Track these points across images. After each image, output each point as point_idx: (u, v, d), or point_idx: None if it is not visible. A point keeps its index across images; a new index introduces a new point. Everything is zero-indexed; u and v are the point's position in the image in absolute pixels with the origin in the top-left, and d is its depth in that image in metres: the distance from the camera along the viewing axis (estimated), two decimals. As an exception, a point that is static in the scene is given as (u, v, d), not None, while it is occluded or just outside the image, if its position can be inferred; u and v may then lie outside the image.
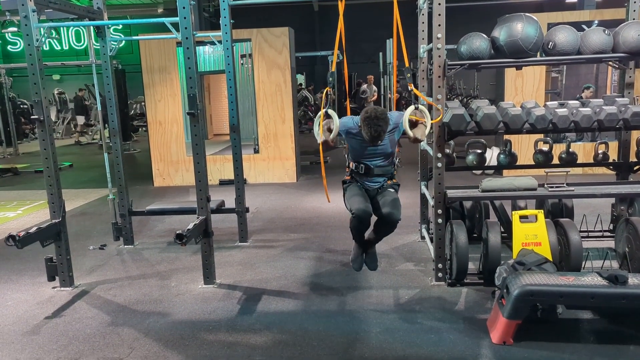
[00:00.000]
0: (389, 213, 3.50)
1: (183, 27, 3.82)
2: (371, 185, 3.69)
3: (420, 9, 4.60)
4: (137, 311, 3.76)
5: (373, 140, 3.40)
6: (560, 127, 3.73)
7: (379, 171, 3.65)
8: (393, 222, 3.53)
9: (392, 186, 3.73)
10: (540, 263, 3.41)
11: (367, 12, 19.15)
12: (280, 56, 8.11)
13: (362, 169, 3.65)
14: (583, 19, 7.73)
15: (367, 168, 3.64)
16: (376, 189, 3.69)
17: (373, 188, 3.69)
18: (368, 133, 3.36)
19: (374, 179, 3.68)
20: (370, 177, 3.67)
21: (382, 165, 3.65)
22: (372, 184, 3.69)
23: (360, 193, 3.63)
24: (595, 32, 3.71)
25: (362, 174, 3.67)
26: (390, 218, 3.50)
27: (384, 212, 3.54)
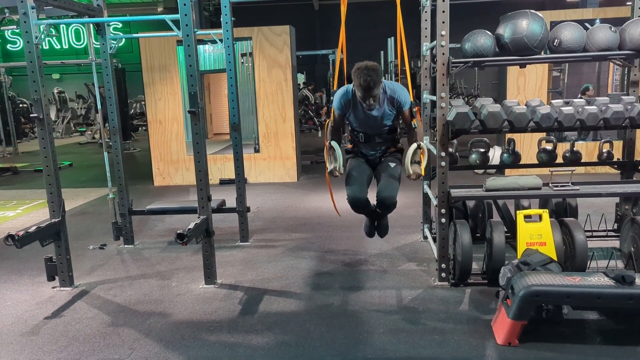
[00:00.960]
0: (382, 198, 3.56)
1: (184, 24, 3.78)
2: (372, 154, 3.70)
3: (423, 6, 4.56)
4: (138, 311, 3.72)
5: (364, 93, 3.29)
6: (566, 125, 3.69)
7: (379, 139, 3.65)
8: (388, 206, 3.58)
9: (395, 155, 3.70)
10: (545, 263, 3.37)
11: (368, 10, 19.14)
12: (281, 55, 8.07)
13: (362, 137, 3.65)
14: (586, 17, 7.69)
15: (367, 136, 3.64)
16: (378, 157, 3.70)
17: (375, 156, 3.70)
18: (358, 84, 3.28)
19: (375, 147, 3.68)
20: (371, 145, 3.67)
21: (382, 134, 3.63)
22: (373, 151, 3.69)
23: (358, 170, 3.64)
24: (601, 29, 3.66)
25: (362, 142, 3.67)
26: (384, 203, 3.56)
27: (378, 196, 3.59)
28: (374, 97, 3.36)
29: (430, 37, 4.57)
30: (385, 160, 3.67)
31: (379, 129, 3.61)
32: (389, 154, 3.70)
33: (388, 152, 3.70)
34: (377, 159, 3.70)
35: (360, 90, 3.33)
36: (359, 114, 3.55)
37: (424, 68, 4.65)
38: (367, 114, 3.53)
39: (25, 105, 16.11)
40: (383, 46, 13.03)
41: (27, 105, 16.15)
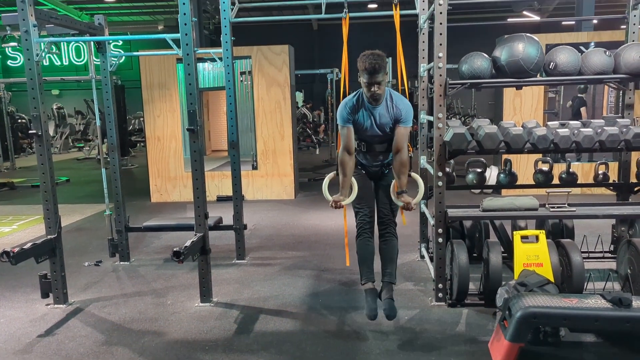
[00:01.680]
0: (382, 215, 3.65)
1: (184, 44, 3.81)
2: (374, 165, 3.70)
3: (421, 28, 4.61)
4: (132, 330, 3.69)
5: (369, 77, 3.28)
6: (562, 147, 3.72)
7: (380, 148, 3.64)
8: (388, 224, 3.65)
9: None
10: (542, 284, 3.36)
11: (367, 31, 19.32)
12: (280, 73, 8.13)
13: (364, 147, 3.65)
14: (581, 40, 7.79)
15: (369, 145, 3.64)
16: (379, 170, 3.71)
17: (375, 168, 3.71)
18: (364, 68, 3.27)
19: (375, 157, 3.67)
20: (372, 155, 3.66)
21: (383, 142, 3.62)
22: (374, 162, 3.69)
23: (363, 184, 3.67)
24: (596, 53, 3.72)
25: (364, 152, 3.67)
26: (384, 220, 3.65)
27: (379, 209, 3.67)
28: (378, 84, 3.32)
29: (427, 58, 4.63)
30: (387, 176, 3.69)
31: (380, 137, 3.57)
32: (389, 168, 3.71)
33: (389, 165, 3.71)
34: (377, 172, 3.72)
35: (365, 74, 3.30)
36: (362, 118, 3.52)
37: (421, 89, 4.69)
38: (370, 117, 3.50)
39: (24, 120, 16.13)
40: (381, 66, 13.13)
41: (25, 120, 16.17)
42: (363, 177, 3.71)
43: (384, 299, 3.47)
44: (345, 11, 3.68)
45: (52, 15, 4.14)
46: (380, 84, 3.33)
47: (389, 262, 3.61)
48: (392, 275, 3.58)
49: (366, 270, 3.58)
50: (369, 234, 3.62)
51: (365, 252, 3.61)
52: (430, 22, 4.31)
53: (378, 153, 3.66)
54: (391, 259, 3.61)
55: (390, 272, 3.58)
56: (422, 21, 4.55)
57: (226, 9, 4.89)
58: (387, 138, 3.59)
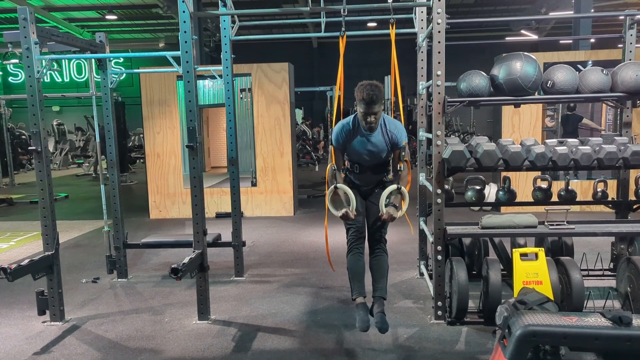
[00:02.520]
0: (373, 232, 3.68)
1: (184, 61, 3.84)
2: (366, 185, 3.73)
3: (419, 46, 4.66)
4: (129, 348, 3.66)
5: (366, 107, 3.36)
6: (560, 165, 3.73)
7: (373, 170, 3.69)
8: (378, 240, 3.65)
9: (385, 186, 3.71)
10: (542, 302, 3.34)
11: (366, 49, 19.51)
12: (280, 91, 8.18)
13: (357, 169, 3.69)
14: (578, 59, 7.86)
15: (362, 167, 3.67)
16: (371, 189, 3.73)
17: (367, 188, 3.73)
18: (361, 98, 3.35)
19: (368, 178, 3.71)
20: (365, 176, 3.70)
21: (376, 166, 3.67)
22: (366, 182, 3.72)
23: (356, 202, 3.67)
24: (593, 72, 3.75)
25: (357, 173, 3.71)
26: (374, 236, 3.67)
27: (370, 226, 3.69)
28: (375, 114, 3.42)
29: (426, 76, 4.67)
30: (378, 192, 3.70)
31: (374, 161, 3.65)
32: (381, 185, 3.74)
33: (381, 183, 3.75)
34: (368, 190, 3.75)
35: (362, 104, 3.39)
36: (357, 143, 3.58)
37: (420, 106, 4.72)
38: (365, 143, 3.56)
39: (24, 136, 16.17)
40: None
41: (25, 136, 16.21)
42: (354, 193, 3.71)
43: (376, 312, 3.46)
44: (343, 30, 3.71)
45: (54, 33, 4.18)
46: (377, 114, 3.43)
47: (380, 277, 3.62)
48: (383, 290, 3.58)
49: (357, 285, 3.58)
50: (359, 249, 3.64)
51: (356, 267, 3.61)
52: (428, 40, 4.35)
53: (371, 175, 3.72)
54: (382, 274, 3.62)
55: (381, 287, 3.59)
56: (421, 39, 4.60)
57: (227, 27, 4.94)
58: (381, 162, 3.67)
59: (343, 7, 3.77)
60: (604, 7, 15.70)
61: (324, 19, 5.11)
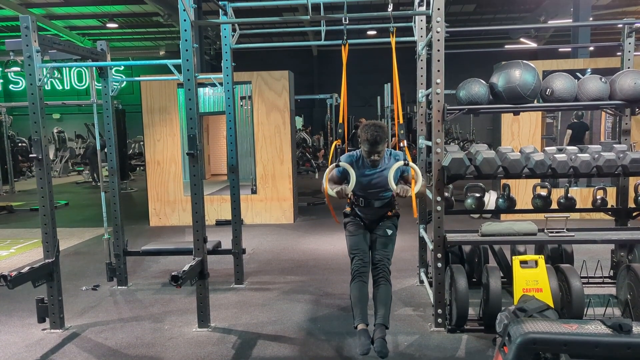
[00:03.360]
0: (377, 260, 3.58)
1: (185, 69, 3.86)
2: (370, 218, 3.69)
3: (419, 54, 4.68)
4: (129, 355, 3.65)
5: (370, 147, 3.43)
6: (560, 172, 3.74)
7: (378, 204, 3.66)
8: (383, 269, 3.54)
9: (392, 220, 3.70)
10: (542, 310, 3.33)
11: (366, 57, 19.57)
12: (280, 98, 8.21)
13: (362, 202, 3.67)
14: (577, 67, 7.89)
15: (367, 201, 3.65)
16: (376, 221, 3.69)
17: (372, 220, 3.69)
18: (365, 138, 3.42)
19: (373, 211, 3.68)
20: (370, 209, 3.67)
21: (381, 199, 3.65)
22: (371, 216, 3.69)
23: (359, 232, 3.65)
24: (592, 80, 3.77)
25: (362, 206, 3.68)
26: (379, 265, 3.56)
27: (374, 256, 3.61)
28: (378, 153, 3.49)
29: (426, 84, 4.69)
30: (382, 225, 3.66)
31: (379, 194, 3.64)
32: (386, 218, 3.69)
33: (385, 216, 3.70)
34: (374, 223, 3.70)
35: (366, 144, 3.46)
36: (362, 176, 3.59)
37: (419, 114, 4.73)
38: (370, 176, 3.59)
39: (24, 144, 16.20)
40: (380, 91, 13.28)
41: (26, 144, 16.25)
42: (359, 225, 3.69)
43: (376, 337, 3.30)
44: (345, 39, 3.73)
45: (55, 41, 4.20)
46: (380, 153, 3.51)
47: (382, 306, 3.46)
48: (385, 318, 3.42)
49: (359, 312, 3.44)
50: (363, 278, 3.53)
51: (359, 295, 3.49)
52: (428, 48, 4.37)
53: (376, 209, 3.69)
54: (385, 304, 3.47)
55: (383, 315, 3.43)
56: (420, 48, 4.62)
57: (227, 36, 4.97)
58: (385, 196, 3.66)
59: (344, 15, 3.79)
60: (602, 15, 15.79)
61: (324, 27, 5.15)
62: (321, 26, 5.17)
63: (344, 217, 3.80)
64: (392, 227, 3.70)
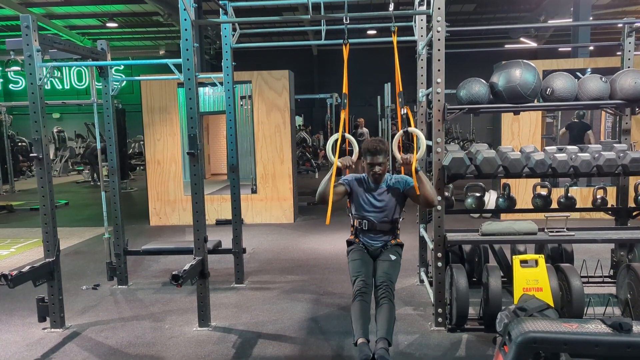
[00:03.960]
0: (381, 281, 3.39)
1: (186, 69, 3.86)
2: (374, 244, 3.60)
3: (419, 54, 4.68)
4: (129, 354, 3.65)
5: (372, 156, 3.47)
6: (560, 172, 3.74)
7: (382, 227, 3.59)
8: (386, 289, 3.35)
9: (395, 248, 3.62)
10: (542, 309, 3.34)
11: (365, 56, 19.57)
12: (280, 98, 8.21)
13: (366, 225, 3.60)
14: (577, 66, 7.89)
15: (371, 223, 3.59)
16: (379, 249, 3.60)
17: (376, 247, 3.60)
18: (366, 148, 3.48)
19: (377, 237, 3.61)
20: (373, 234, 3.60)
21: (384, 222, 3.60)
22: (375, 242, 3.61)
23: (361, 257, 3.55)
24: (592, 79, 3.77)
25: (365, 230, 3.62)
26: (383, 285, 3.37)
27: (377, 281, 3.43)
28: (380, 165, 3.50)
29: (426, 83, 4.69)
30: (386, 252, 3.59)
31: (382, 218, 3.59)
32: (389, 246, 3.62)
33: (389, 244, 3.63)
34: (377, 250, 3.61)
35: (368, 154, 3.50)
36: (364, 197, 3.59)
37: (419, 113, 4.74)
38: (372, 198, 3.58)
39: (24, 144, 16.20)
40: (380, 91, 13.28)
41: (26, 144, 16.25)
42: (362, 252, 3.60)
43: (378, 348, 3.09)
44: (346, 38, 3.73)
45: (56, 41, 4.20)
46: (381, 165, 3.52)
47: (385, 323, 3.23)
48: (388, 332, 3.19)
49: (360, 327, 3.21)
50: (365, 298, 3.33)
51: (360, 313, 3.27)
52: (428, 48, 4.38)
53: (380, 233, 3.62)
54: (388, 320, 3.24)
55: (386, 329, 3.20)
56: (421, 47, 4.63)
57: (227, 35, 4.97)
58: (389, 220, 3.61)
59: (345, 15, 3.79)
60: (602, 15, 15.78)
61: (324, 27, 5.15)
62: (321, 26, 5.17)
63: (347, 245, 3.72)
64: (395, 253, 3.60)
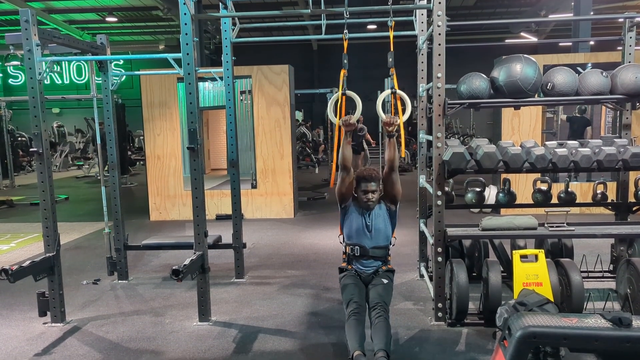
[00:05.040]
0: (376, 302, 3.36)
1: (186, 63, 3.85)
2: (366, 271, 3.56)
3: (420, 48, 4.67)
4: (130, 349, 3.66)
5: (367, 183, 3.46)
6: (560, 166, 3.74)
7: (374, 253, 3.55)
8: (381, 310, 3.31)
9: (387, 273, 3.58)
10: (542, 304, 3.34)
11: (365, 51, 19.54)
12: (280, 93, 8.19)
13: (358, 251, 3.55)
14: (578, 61, 7.88)
15: (363, 249, 3.54)
16: (371, 275, 3.55)
17: (368, 273, 3.55)
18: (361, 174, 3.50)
19: (369, 263, 3.56)
20: (365, 260, 3.56)
21: (376, 248, 3.55)
22: (366, 268, 3.56)
23: (354, 282, 3.51)
24: (593, 74, 3.76)
25: (357, 256, 3.57)
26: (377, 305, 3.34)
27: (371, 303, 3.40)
28: (373, 192, 3.48)
29: (426, 78, 4.68)
30: (378, 277, 3.55)
31: (373, 241, 3.55)
32: (381, 272, 3.58)
33: (380, 270, 3.58)
34: (369, 277, 3.57)
35: (362, 181, 3.49)
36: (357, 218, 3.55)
37: (420, 108, 4.73)
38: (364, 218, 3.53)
39: (24, 138, 16.19)
40: (380, 86, 13.26)
41: (25, 138, 16.23)
42: (355, 277, 3.56)
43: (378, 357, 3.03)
44: (346, 32, 3.72)
45: (55, 35, 4.19)
46: (374, 193, 3.50)
47: (383, 336, 3.16)
48: (387, 345, 3.11)
49: (355, 341, 3.13)
50: (359, 317, 3.28)
51: (355, 327, 3.21)
52: (429, 42, 4.36)
53: (372, 258, 3.57)
54: (385, 334, 3.17)
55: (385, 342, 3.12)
56: (421, 42, 4.61)
57: (227, 30, 4.95)
58: (381, 246, 3.56)
59: (345, 9, 3.78)
60: (603, 9, 15.73)
61: (325, 21, 5.13)
62: (321, 20, 5.16)
63: (340, 272, 3.66)
64: (387, 277, 3.57)
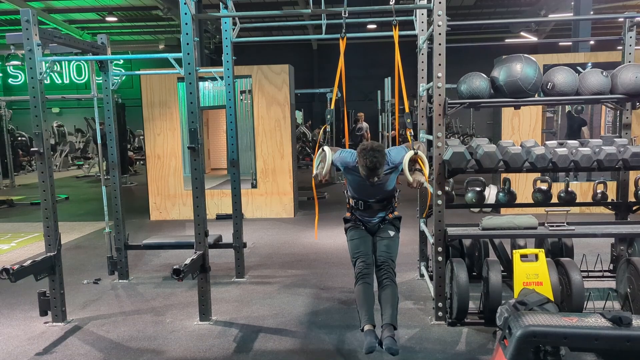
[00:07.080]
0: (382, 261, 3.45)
1: (186, 63, 3.86)
2: (371, 221, 3.61)
3: (420, 48, 4.68)
4: (131, 348, 3.67)
5: (369, 172, 3.28)
6: (561, 166, 3.75)
7: (378, 206, 3.58)
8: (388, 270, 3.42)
9: (393, 222, 3.63)
10: (542, 303, 3.35)
11: (365, 51, 19.54)
12: (280, 92, 8.20)
13: (362, 205, 3.59)
14: (578, 61, 7.88)
15: (366, 203, 3.58)
16: (377, 224, 3.61)
17: (373, 223, 3.61)
18: (364, 164, 3.26)
19: (374, 214, 3.60)
20: (370, 212, 3.60)
21: (381, 201, 3.58)
22: (372, 219, 3.61)
23: (360, 235, 3.55)
24: (593, 74, 3.77)
25: (361, 210, 3.61)
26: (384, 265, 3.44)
27: (378, 260, 3.48)
28: (377, 176, 3.35)
29: (426, 78, 4.68)
30: (384, 227, 3.60)
31: (378, 195, 3.57)
32: (387, 221, 3.62)
33: (386, 219, 3.62)
34: (375, 226, 3.62)
35: (365, 169, 3.30)
36: (359, 182, 3.51)
37: (420, 108, 4.74)
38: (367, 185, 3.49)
39: (24, 138, 16.18)
40: (380, 85, 13.26)
41: (25, 138, 16.23)
42: (360, 230, 3.61)
43: (385, 337, 3.17)
44: (343, 32, 3.72)
45: (56, 35, 4.20)
46: (379, 175, 3.34)
47: (389, 307, 3.34)
48: (393, 318, 3.29)
49: (365, 313, 3.31)
50: (367, 279, 3.42)
51: (364, 297, 3.36)
52: (429, 42, 4.37)
53: (376, 210, 3.60)
54: (392, 304, 3.35)
55: (391, 315, 3.30)
56: (421, 42, 4.62)
57: (227, 29, 4.96)
58: (385, 197, 3.57)
59: (344, 9, 3.78)
60: (603, 9, 15.73)
61: (325, 21, 5.14)
62: (322, 20, 5.16)
63: (345, 222, 3.71)
64: (394, 229, 3.62)
